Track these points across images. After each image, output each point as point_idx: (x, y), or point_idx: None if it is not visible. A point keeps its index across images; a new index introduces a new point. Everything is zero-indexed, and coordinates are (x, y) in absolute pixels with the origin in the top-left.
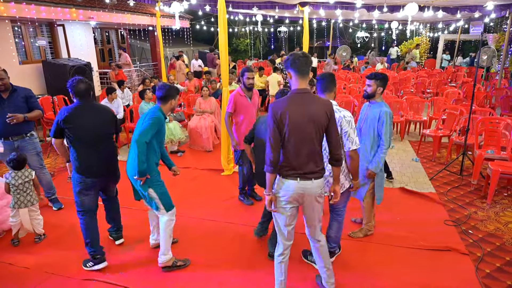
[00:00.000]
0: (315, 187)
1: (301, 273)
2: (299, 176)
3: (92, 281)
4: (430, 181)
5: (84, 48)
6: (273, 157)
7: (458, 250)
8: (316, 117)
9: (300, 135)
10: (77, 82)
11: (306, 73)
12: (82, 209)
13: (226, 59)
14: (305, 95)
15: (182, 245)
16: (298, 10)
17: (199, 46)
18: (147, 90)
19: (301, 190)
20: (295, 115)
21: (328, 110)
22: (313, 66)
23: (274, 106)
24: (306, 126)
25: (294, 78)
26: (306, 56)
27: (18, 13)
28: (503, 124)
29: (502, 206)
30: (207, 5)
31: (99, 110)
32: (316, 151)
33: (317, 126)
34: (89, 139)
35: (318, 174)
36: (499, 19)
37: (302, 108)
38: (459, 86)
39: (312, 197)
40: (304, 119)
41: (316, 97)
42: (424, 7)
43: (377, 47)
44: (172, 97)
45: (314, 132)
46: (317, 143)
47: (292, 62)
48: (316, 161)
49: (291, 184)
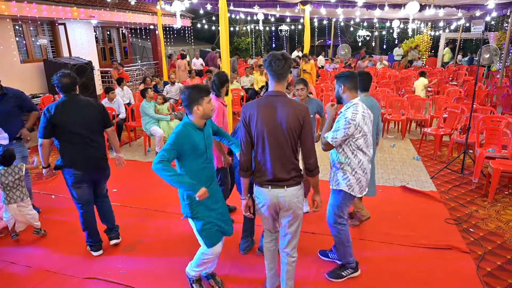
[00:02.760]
0: (290, 196)
1: (304, 270)
2: (270, 184)
3: (93, 279)
4: (431, 179)
5: (85, 47)
6: (244, 161)
7: (459, 249)
8: (285, 122)
9: (269, 140)
10: (61, 77)
11: (283, 76)
12: (79, 202)
13: (227, 57)
14: (278, 98)
15: (182, 245)
16: (299, 9)
17: (200, 45)
18: (148, 89)
19: (275, 199)
20: (264, 118)
21: (301, 115)
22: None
23: (244, 108)
24: (274, 130)
25: (270, 80)
26: (285, 59)
27: (19, 11)
28: (504, 123)
29: (503, 205)
30: (208, 3)
31: (85, 105)
32: (287, 158)
33: (287, 131)
34: (75, 134)
35: (291, 181)
36: (500, 18)
37: (271, 112)
38: (460, 85)
39: (287, 207)
40: (273, 123)
41: (290, 101)
42: (425, 5)
43: (379, 45)
44: (195, 101)
45: (283, 138)
46: (288, 149)
47: (268, 64)
48: (288, 168)
49: (264, 192)
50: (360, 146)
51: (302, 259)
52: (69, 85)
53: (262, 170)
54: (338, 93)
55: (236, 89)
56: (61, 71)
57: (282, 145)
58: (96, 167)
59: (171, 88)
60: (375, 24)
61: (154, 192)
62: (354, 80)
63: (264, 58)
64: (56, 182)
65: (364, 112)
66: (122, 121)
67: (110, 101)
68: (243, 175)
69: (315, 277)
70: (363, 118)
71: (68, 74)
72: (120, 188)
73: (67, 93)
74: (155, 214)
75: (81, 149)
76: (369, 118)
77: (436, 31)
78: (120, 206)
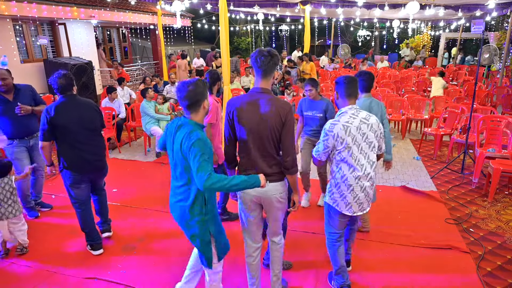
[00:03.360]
0: (272, 190)
1: (300, 273)
2: None
3: (93, 279)
4: (431, 179)
5: (85, 47)
6: (227, 154)
7: (459, 249)
8: (268, 118)
9: (251, 135)
10: (57, 78)
11: (267, 73)
12: (76, 201)
13: (227, 57)
14: (262, 95)
15: (182, 244)
16: (299, 9)
17: (200, 44)
18: (149, 89)
19: (257, 193)
20: (246, 114)
21: (284, 112)
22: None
23: (229, 102)
24: (257, 126)
25: (255, 76)
26: (271, 55)
27: (19, 11)
28: (504, 123)
29: (503, 205)
30: (208, 3)
31: (83, 105)
32: (269, 153)
33: (269, 127)
34: (74, 135)
35: (273, 177)
36: (500, 18)
37: (254, 108)
38: (460, 85)
39: (269, 201)
40: (255, 119)
41: (274, 98)
42: (425, 5)
43: (379, 45)
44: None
45: (265, 134)
46: (270, 146)
47: (254, 60)
48: (269, 164)
49: None
50: (344, 159)
51: (302, 259)
52: (66, 86)
53: (246, 164)
54: (335, 100)
55: (236, 89)
56: (57, 72)
57: (264, 141)
58: (94, 168)
59: (171, 88)
60: (375, 24)
61: (154, 192)
62: (348, 87)
63: (251, 54)
64: (56, 182)
65: (348, 122)
66: (122, 121)
67: (111, 101)
68: (228, 167)
69: (315, 277)
70: (344, 129)
71: (64, 75)
72: (120, 188)
73: (64, 94)
74: (155, 214)
75: (79, 150)
76: (359, 129)
77: (436, 31)
78: (120, 206)
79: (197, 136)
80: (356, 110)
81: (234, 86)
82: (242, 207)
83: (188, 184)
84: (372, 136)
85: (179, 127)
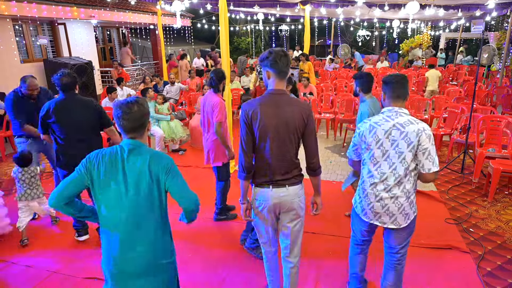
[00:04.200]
0: (292, 195)
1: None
2: (271, 183)
3: (93, 279)
4: None
5: (85, 47)
6: (245, 162)
7: (459, 248)
8: (290, 120)
9: (272, 139)
10: (61, 76)
11: (286, 74)
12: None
13: (227, 57)
14: (280, 96)
15: (182, 244)
16: (299, 9)
17: (200, 44)
18: (149, 89)
19: (277, 200)
20: (267, 116)
21: (305, 113)
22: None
23: (245, 106)
24: (278, 129)
25: (272, 78)
26: (286, 55)
27: (19, 11)
28: (504, 123)
29: (503, 205)
30: (208, 3)
31: (81, 104)
32: (290, 156)
33: (291, 130)
34: (72, 133)
35: (293, 180)
36: (500, 18)
37: (275, 110)
38: (460, 85)
39: (289, 207)
40: (277, 121)
41: (293, 99)
42: (425, 5)
43: (379, 45)
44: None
45: (287, 136)
46: (292, 148)
47: (273, 62)
48: (289, 167)
49: (264, 192)
50: (364, 160)
51: (302, 259)
52: (68, 84)
53: (263, 170)
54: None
55: (236, 89)
56: (61, 71)
57: (286, 144)
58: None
59: (171, 88)
60: (375, 24)
61: None
62: (396, 87)
63: (263, 55)
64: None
65: (377, 123)
66: None
67: (111, 101)
68: (244, 178)
69: (315, 277)
70: (370, 129)
71: (68, 74)
72: None
73: (65, 92)
74: None
75: (72, 148)
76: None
77: (436, 31)
78: None
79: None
80: (396, 113)
81: (234, 86)
82: (262, 216)
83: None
84: (404, 147)
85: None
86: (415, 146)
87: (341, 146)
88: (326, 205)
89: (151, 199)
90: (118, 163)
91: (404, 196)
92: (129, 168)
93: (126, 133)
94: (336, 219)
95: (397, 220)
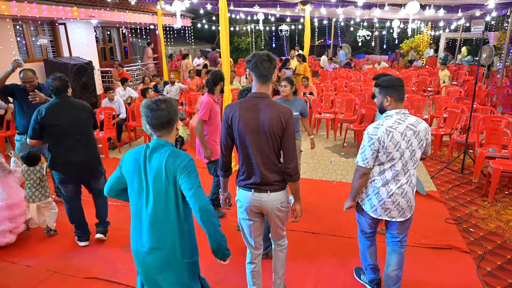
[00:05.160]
0: (272, 200)
1: (300, 273)
2: (253, 187)
3: (93, 279)
4: (431, 179)
5: (85, 47)
6: (222, 162)
7: (459, 248)
8: (268, 124)
9: (251, 142)
10: (53, 80)
11: (268, 78)
12: (64, 197)
13: (227, 57)
14: (261, 100)
15: None
16: (299, 9)
17: (200, 44)
18: (149, 89)
19: (257, 203)
20: (246, 120)
21: (284, 117)
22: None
23: (227, 109)
24: (257, 132)
25: (254, 82)
26: (270, 60)
27: (19, 11)
28: (504, 123)
29: (503, 204)
30: (208, 3)
31: (75, 107)
32: (270, 161)
33: (269, 133)
34: (63, 136)
35: (275, 186)
36: (500, 17)
37: (254, 114)
38: (461, 85)
39: (269, 210)
40: (255, 125)
41: (274, 103)
42: (425, 5)
43: (379, 45)
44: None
45: (265, 141)
46: (271, 152)
47: (255, 66)
48: (271, 172)
49: (246, 194)
50: (380, 161)
51: (302, 259)
52: (60, 87)
53: (245, 173)
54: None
55: (236, 89)
56: (53, 75)
57: (264, 148)
58: (80, 170)
59: (171, 88)
60: (375, 24)
61: None
62: (397, 89)
63: (247, 58)
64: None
65: (392, 127)
66: (122, 121)
67: (111, 101)
68: (222, 175)
69: (315, 277)
70: (387, 133)
71: (59, 78)
72: None
73: (58, 95)
74: None
75: (66, 151)
76: (404, 136)
77: (436, 31)
78: (120, 206)
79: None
80: (404, 115)
81: (234, 86)
82: (243, 216)
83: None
84: (415, 145)
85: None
86: (423, 142)
87: (341, 146)
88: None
89: (166, 199)
90: (141, 161)
91: (411, 190)
92: (149, 166)
93: (154, 131)
94: (336, 219)
95: (405, 213)
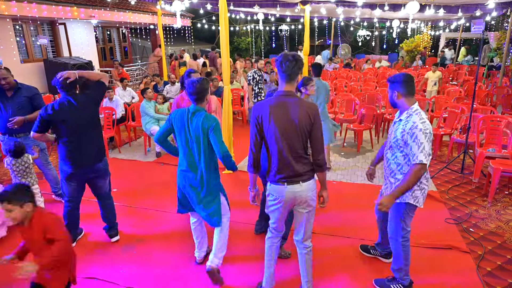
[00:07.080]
0: (306, 190)
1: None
2: (286, 181)
3: (93, 279)
4: (431, 179)
5: (85, 47)
6: (253, 160)
7: (459, 248)
8: (298, 120)
9: (282, 138)
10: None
11: (292, 77)
12: (66, 197)
13: (227, 57)
14: (289, 98)
15: (182, 244)
16: (299, 9)
17: (200, 44)
18: (147, 89)
19: (291, 195)
20: (277, 117)
21: (312, 113)
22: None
23: (256, 108)
24: (288, 128)
25: (281, 81)
26: (295, 60)
27: (19, 11)
28: (504, 123)
29: (503, 204)
30: (208, 3)
31: (83, 103)
32: (300, 154)
33: (299, 129)
34: (74, 131)
35: (305, 176)
36: (500, 17)
37: (284, 111)
38: (461, 84)
39: (303, 199)
40: (286, 121)
41: (301, 100)
42: (425, 5)
43: (379, 45)
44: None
45: (296, 136)
46: (300, 146)
47: (280, 65)
48: (301, 164)
49: (280, 189)
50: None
51: None
52: (70, 84)
53: (277, 168)
54: (393, 99)
55: (236, 89)
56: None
57: (294, 142)
58: (94, 161)
59: (171, 88)
60: (375, 24)
61: (154, 192)
62: (410, 84)
63: (276, 58)
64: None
65: (426, 122)
66: (118, 121)
67: (110, 101)
68: (252, 172)
69: (315, 277)
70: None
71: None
72: (120, 188)
73: (66, 92)
74: (155, 214)
75: (74, 147)
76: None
77: (436, 31)
78: (120, 206)
79: (213, 122)
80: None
81: (234, 86)
82: (276, 208)
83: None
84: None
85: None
86: None
87: (341, 146)
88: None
89: (203, 146)
90: (185, 119)
91: None
92: (191, 123)
93: (194, 101)
94: (336, 219)
95: None
